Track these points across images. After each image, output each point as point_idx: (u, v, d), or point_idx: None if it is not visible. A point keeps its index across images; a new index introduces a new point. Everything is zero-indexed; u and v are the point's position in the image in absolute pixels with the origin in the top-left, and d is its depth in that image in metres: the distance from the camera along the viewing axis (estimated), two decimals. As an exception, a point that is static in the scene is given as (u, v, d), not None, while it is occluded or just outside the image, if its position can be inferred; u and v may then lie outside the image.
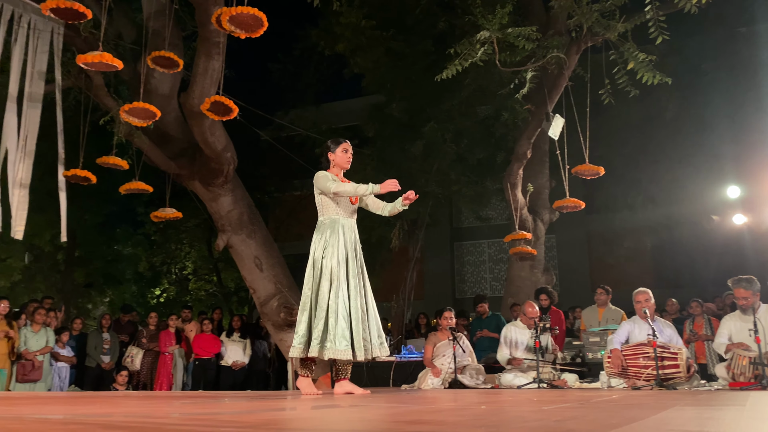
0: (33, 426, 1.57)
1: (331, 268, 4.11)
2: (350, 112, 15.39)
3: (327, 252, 4.15)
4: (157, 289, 18.93)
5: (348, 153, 4.45)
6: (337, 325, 3.98)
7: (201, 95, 7.06)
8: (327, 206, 4.32)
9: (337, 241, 4.19)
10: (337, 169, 4.43)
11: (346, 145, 4.46)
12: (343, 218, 4.31)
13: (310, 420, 1.97)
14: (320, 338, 3.98)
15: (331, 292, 4.06)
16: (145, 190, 7.88)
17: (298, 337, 4.08)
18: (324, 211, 4.34)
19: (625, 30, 6.96)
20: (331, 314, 4.01)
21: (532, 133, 8.52)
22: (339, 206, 4.32)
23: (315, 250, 4.21)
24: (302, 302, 4.17)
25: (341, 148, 4.43)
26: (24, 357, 7.50)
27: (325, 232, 4.25)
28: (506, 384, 6.13)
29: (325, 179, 4.26)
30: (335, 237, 4.20)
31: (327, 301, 4.04)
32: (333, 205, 4.31)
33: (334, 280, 4.09)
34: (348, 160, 4.45)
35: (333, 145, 4.46)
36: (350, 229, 4.33)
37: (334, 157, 4.43)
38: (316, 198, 4.38)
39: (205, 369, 8.94)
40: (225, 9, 5.18)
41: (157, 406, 2.77)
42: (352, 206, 4.40)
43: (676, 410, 2.43)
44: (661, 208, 11.39)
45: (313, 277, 4.16)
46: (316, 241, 4.25)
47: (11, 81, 6.82)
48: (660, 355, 5.27)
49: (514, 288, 9.32)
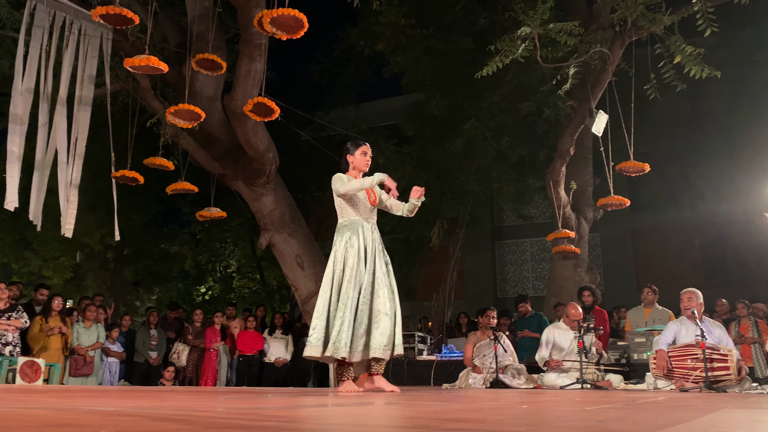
0: (87, 417, 1.64)
1: (351, 269, 4.05)
2: (390, 111, 15.41)
3: (348, 254, 4.10)
4: (202, 287, 19.34)
5: (367, 156, 4.37)
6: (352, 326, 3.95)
7: (244, 97, 7.18)
8: (345, 208, 4.27)
9: (357, 243, 4.13)
10: (355, 172, 4.36)
11: (366, 147, 4.38)
12: (363, 220, 4.25)
13: (350, 416, 1.99)
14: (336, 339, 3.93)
15: (350, 294, 4.00)
16: (191, 190, 8.05)
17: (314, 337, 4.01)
18: (343, 213, 4.29)
19: (671, 23, 6.77)
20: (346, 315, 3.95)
21: (575, 129, 8.39)
22: (357, 208, 4.26)
23: (336, 252, 4.16)
24: (320, 304, 4.09)
25: (360, 151, 4.35)
26: (77, 352, 7.77)
27: (344, 234, 4.19)
28: (549, 384, 6.06)
29: (337, 181, 4.22)
30: (355, 239, 4.14)
31: (347, 302, 3.99)
32: (351, 208, 4.25)
33: (354, 281, 4.03)
34: (367, 162, 4.37)
35: (352, 147, 4.38)
36: (370, 230, 4.25)
37: (353, 159, 4.36)
38: (335, 200, 4.32)
39: (248, 365, 9.09)
40: (266, 11, 5.26)
41: (202, 400, 2.84)
42: (371, 207, 4.33)
43: (725, 413, 2.36)
44: (709, 206, 11.07)
45: (333, 278, 4.10)
46: (336, 243, 4.20)
47: (61, 85, 7.06)
48: (709, 356, 5.13)
49: (557, 287, 9.20)
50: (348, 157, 4.39)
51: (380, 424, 1.69)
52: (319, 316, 4.05)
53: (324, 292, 4.12)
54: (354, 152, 4.36)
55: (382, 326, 4.02)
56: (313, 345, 4.00)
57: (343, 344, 3.92)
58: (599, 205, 8.16)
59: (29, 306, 7.90)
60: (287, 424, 1.58)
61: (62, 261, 15.46)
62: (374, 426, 1.64)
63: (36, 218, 6.80)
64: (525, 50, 6.71)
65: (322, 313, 4.05)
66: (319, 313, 4.06)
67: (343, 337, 3.93)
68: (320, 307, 4.08)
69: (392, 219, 11.70)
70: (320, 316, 4.04)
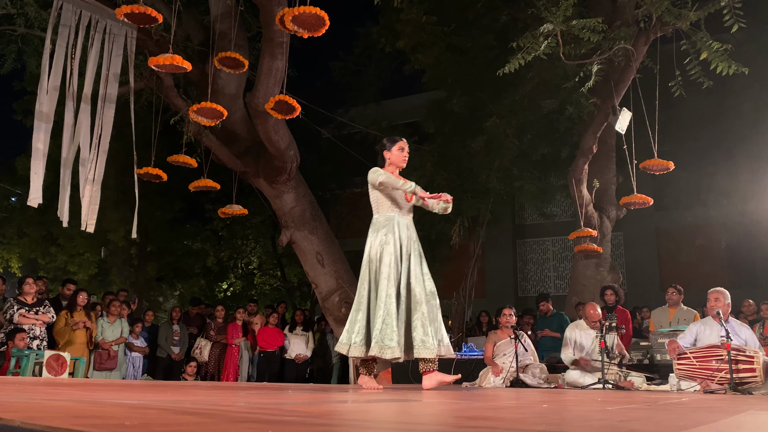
0: (111, 409, 1.67)
1: (388, 267, 4.01)
2: (411, 109, 15.39)
3: (385, 250, 4.05)
4: (224, 283, 19.51)
5: (404, 152, 4.33)
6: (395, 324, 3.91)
7: (265, 95, 7.22)
8: (382, 203, 4.22)
9: (394, 239, 4.09)
10: (392, 168, 4.32)
11: (403, 143, 4.34)
12: (399, 215, 4.21)
13: (370, 412, 2.00)
14: (379, 338, 3.89)
15: (389, 291, 3.97)
16: (213, 188, 8.12)
17: (352, 336, 3.99)
18: (379, 208, 4.24)
19: (697, 18, 6.66)
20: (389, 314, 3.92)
21: (598, 127, 8.29)
22: (394, 203, 4.21)
23: (371, 249, 4.13)
24: (358, 301, 4.07)
25: (397, 147, 4.31)
26: (101, 346, 7.90)
27: (380, 229, 4.15)
28: (570, 383, 6.01)
29: (375, 173, 4.18)
30: (392, 235, 4.10)
31: (384, 299, 3.95)
32: (388, 202, 4.20)
33: (392, 278, 3.99)
34: (404, 158, 4.33)
35: (389, 143, 4.35)
36: (406, 226, 4.21)
37: (389, 155, 4.33)
38: (371, 195, 4.29)
39: (269, 361, 9.16)
40: (288, 9, 5.29)
41: (224, 395, 2.87)
42: (408, 204, 4.29)
43: (750, 415, 2.32)
44: (735, 204, 10.86)
45: (370, 276, 4.07)
46: (372, 239, 4.16)
47: (86, 83, 7.17)
48: (734, 357, 5.04)
49: (579, 287, 9.11)
50: (385, 153, 4.35)
51: (399, 421, 1.69)
52: (359, 315, 4.00)
53: (362, 290, 4.08)
54: (391, 148, 4.32)
55: (421, 324, 3.96)
56: (357, 345, 3.95)
57: (392, 343, 3.86)
58: (622, 204, 8.07)
59: (56, 301, 8.06)
60: (308, 419, 1.59)
61: (87, 257, 15.70)
62: (390, 422, 1.65)
63: (63, 215, 6.91)
64: (547, 47, 6.64)
65: (362, 313, 4.00)
66: (358, 312, 4.02)
67: (386, 336, 3.88)
68: (359, 307, 4.04)
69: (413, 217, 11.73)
70: (360, 316, 4.00)
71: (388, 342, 3.88)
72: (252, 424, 1.40)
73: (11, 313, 6.85)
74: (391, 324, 3.91)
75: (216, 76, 7.79)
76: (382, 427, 1.46)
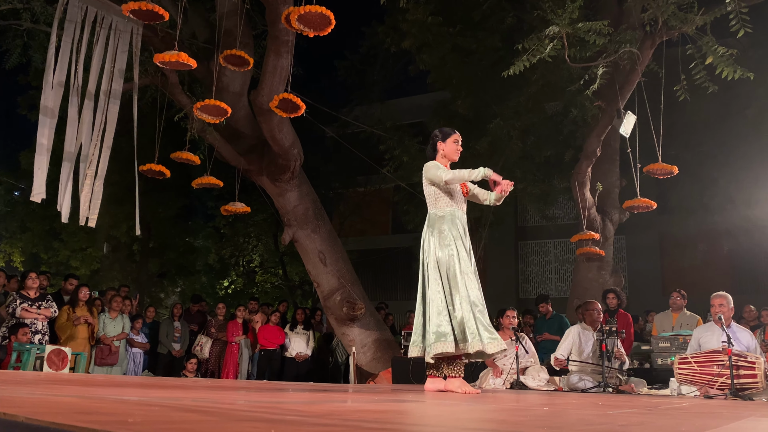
0: (114, 406, 1.67)
1: (456, 264, 3.88)
2: (415, 109, 15.38)
3: (451, 249, 3.90)
4: (225, 281, 19.55)
5: (458, 144, 4.18)
6: (473, 317, 3.79)
7: (270, 93, 7.23)
8: (440, 198, 4.06)
9: (458, 235, 3.96)
10: (445, 161, 4.17)
11: (457, 135, 4.19)
12: (458, 210, 4.07)
13: (367, 412, 2.00)
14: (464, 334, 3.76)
15: (460, 289, 3.84)
16: (216, 185, 8.12)
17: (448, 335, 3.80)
18: (437, 203, 4.07)
19: (703, 23, 6.65)
20: (467, 311, 3.80)
21: (603, 130, 8.28)
22: (453, 198, 4.06)
23: (435, 248, 3.96)
24: (435, 303, 3.87)
25: (452, 139, 4.16)
26: (102, 342, 7.91)
27: (441, 226, 3.98)
28: (570, 387, 6.00)
29: (437, 169, 4.02)
30: (455, 231, 3.96)
31: (459, 297, 3.83)
32: (447, 197, 4.04)
33: (461, 276, 3.86)
34: (458, 152, 4.19)
35: (443, 135, 4.19)
36: (462, 221, 4.08)
37: (443, 147, 4.17)
38: (426, 189, 4.12)
39: (269, 359, 9.16)
40: (294, 8, 5.29)
41: (224, 393, 2.88)
42: (464, 198, 4.16)
43: (751, 421, 2.32)
44: (740, 210, 10.84)
45: (441, 276, 3.91)
46: (433, 236, 3.99)
47: (90, 79, 7.18)
48: (735, 363, 5.03)
49: (581, 290, 9.10)
50: (438, 144, 4.20)
51: (393, 421, 1.69)
52: (439, 313, 3.85)
53: (434, 287, 3.91)
54: (445, 140, 4.18)
55: (485, 318, 3.87)
56: (447, 342, 3.78)
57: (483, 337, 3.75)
58: (625, 207, 8.05)
59: (58, 295, 8.07)
60: (308, 419, 1.60)
61: (90, 252, 15.74)
62: (385, 422, 1.65)
63: (63, 210, 6.92)
64: (553, 49, 6.64)
65: (441, 310, 3.85)
66: (437, 309, 3.86)
67: (471, 329, 3.76)
68: (437, 304, 3.87)
69: (415, 217, 11.72)
70: (440, 313, 3.84)
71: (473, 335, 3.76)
72: (254, 423, 1.40)
73: (14, 307, 6.86)
74: (471, 317, 3.80)
75: (221, 74, 7.79)
76: (372, 426, 1.46)
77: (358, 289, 8.79)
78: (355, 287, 8.70)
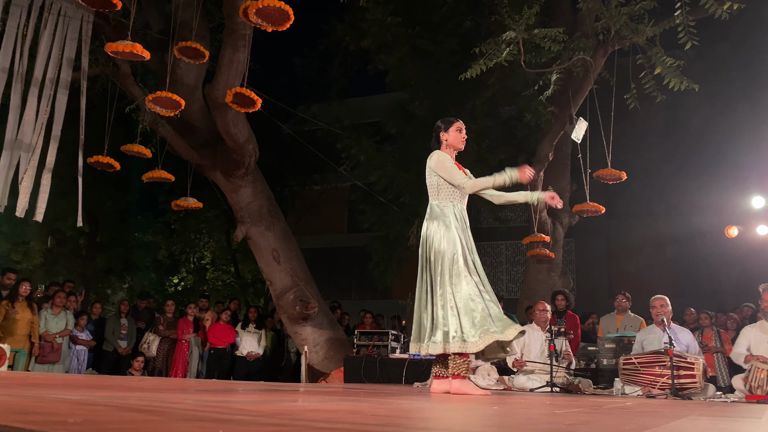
0: (52, 405, 1.61)
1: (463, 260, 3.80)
2: (373, 108, 15.39)
3: (457, 244, 3.81)
4: (175, 278, 19.15)
5: (462, 132, 4.03)
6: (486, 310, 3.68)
7: (225, 87, 7.11)
8: (443, 189, 3.96)
9: (461, 229, 3.89)
10: (450, 150, 4.03)
11: (460, 123, 4.05)
12: (460, 203, 3.99)
13: (314, 411, 1.99)
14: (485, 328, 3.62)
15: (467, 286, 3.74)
16: (167, 179, 7.96)
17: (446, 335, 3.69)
18: (440, 195, 3.97)
19: (653, 34, 6.87)
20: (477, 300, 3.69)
21: (555, 135, 8.46)
22: (456, 190, 3.96)
23: (440, 242, 3.85)
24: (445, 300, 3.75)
25: (455, 128, 4.01)
26: (44, 339, 7.63)
27: (445, 219, 3.89)
28: (518, 386, 6.11)
29: (450, 168, 3.90)
30: (459, 224, 3.89)
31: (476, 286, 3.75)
32: (450, 189, 3.95)
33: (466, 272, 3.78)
34: (462, 139, 4.04)
35: (445, 125, 4.04)
36: (463, 214, 4.00)
37: (447, 137, 4.02)
38: (429, 179, 4.01)
39: (220, 358, 9.02)
40: (252, 2, 5.21)
41: (171, 391, 2.81)
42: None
43: (691, 420, 2.40)
44: (683, 217, 11.26)
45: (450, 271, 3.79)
46: (437, 230, 3.89)
47: (37, 66, 6.92)
48: (676, 364, 5.21)
49: (531, 291, 9.28)
50: (441, 135, 4.04)
51: (344, 420, 1.69)
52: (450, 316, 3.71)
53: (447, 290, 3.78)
54: (448, 129, 4.02)
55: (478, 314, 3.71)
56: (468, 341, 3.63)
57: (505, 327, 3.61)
58: (575, 211, 8.25)
59: (-5, 290, 7.75)
60: (257, 419, 1.57)
61: (33, 246, 15.18)
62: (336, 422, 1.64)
63: (2, 200, 6.65)
64: (509, 54, 6.74)
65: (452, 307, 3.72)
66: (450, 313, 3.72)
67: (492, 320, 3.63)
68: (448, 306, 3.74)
69: (370, 217, 11.73)
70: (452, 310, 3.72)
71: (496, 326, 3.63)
72: (202, 422, 1.38)
73: (-52, 301, 6.56)
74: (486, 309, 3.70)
75: (175, 66, 7.62)
76: (311, 426, 1.45)
77: (311, 288, 8.74)
78: (308, 286, 8.65)
